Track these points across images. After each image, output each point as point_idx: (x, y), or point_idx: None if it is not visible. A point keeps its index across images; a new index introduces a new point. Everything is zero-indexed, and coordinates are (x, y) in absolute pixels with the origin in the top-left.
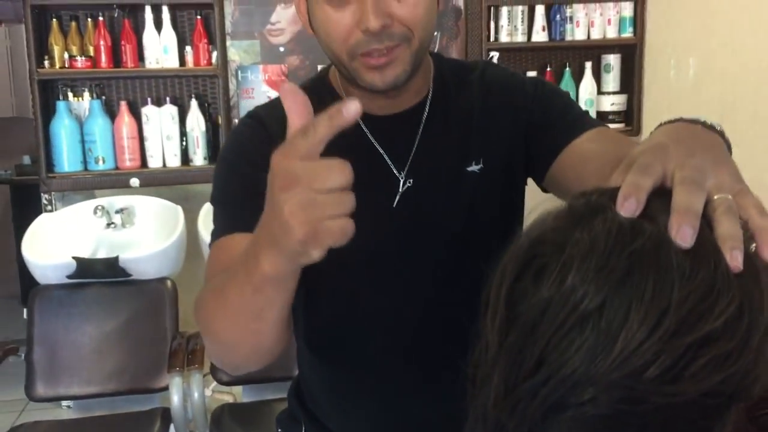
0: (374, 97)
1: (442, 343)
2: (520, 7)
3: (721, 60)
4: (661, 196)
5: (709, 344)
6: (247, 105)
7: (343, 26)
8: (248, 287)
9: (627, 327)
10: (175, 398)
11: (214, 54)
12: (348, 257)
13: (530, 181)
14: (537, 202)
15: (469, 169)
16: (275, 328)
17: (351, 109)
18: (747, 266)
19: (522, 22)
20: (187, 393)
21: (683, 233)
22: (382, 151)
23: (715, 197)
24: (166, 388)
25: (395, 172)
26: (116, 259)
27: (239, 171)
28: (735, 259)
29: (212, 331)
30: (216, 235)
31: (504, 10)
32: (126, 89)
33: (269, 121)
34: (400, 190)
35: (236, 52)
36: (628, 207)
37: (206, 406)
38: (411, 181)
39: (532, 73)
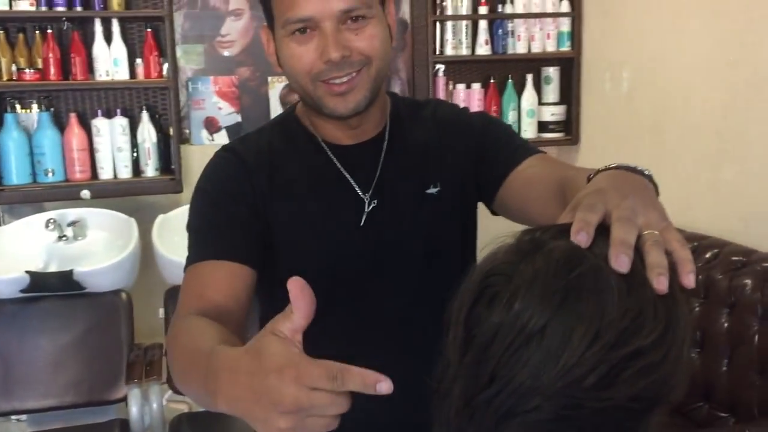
0: (339, 126)
1: (407, 359)
2: (464, 22)
3: (653, 74)
4: (598, 233)
5: (638, 356)
6: (197, 116)
7: (307, 59)
8: (203, 392)
9: (570, 343)
10: (134, 409)
11: (165, 66)
12: (320, 275)
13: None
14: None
15: (429, 191)
16: None
17: (384, 387)
18: (670, 290)
19: (466, 36)
20: (144, 404)
21: (620, 261)
22: (348, 177)
23: (645, 233)
24: (122, 400)
25: (361, 194)
26: (71, 272)
27: (218, 202)
28: (661, 284)
29: (178, 379)
30: (190, 260)
31: (449, 24)
32: (75, 101)
33: (247, 156)
34: (366, 210)
35: (183, 56)
36: (581, 239)
37: (164, 417)
38: (375, 201)
39: (476, 85)
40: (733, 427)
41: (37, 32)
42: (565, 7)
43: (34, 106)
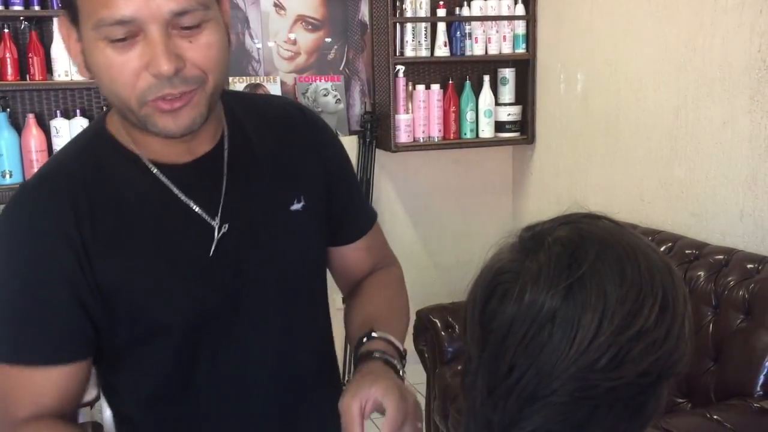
0: (167, 143)
1: (286, 392)
2: (424, 24)
3: (606, 76)
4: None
5: (643, 336)
6: None
7: (130, 70)
8: None
9: (580, 329)
10: (107, 412)
11: None
12: (173, 328)
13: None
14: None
15: (293, 208)
16: None
17: None
18: (668, 270)
19: (425, 37)
20: None
21: None
22: (187, 201)
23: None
24: (92, 403)
25: (207, 220)
26: None
27: (33, 282)
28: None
29: None
30: (5, 357)
31: (408, 26)
32: (32, 102)
33: (55, 201)
34: (216, 237)
35: None
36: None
37: None
38: (226, 226)
39: (435, 86)
40: (697, 411)
41: None
42: (520, 11)
43: None
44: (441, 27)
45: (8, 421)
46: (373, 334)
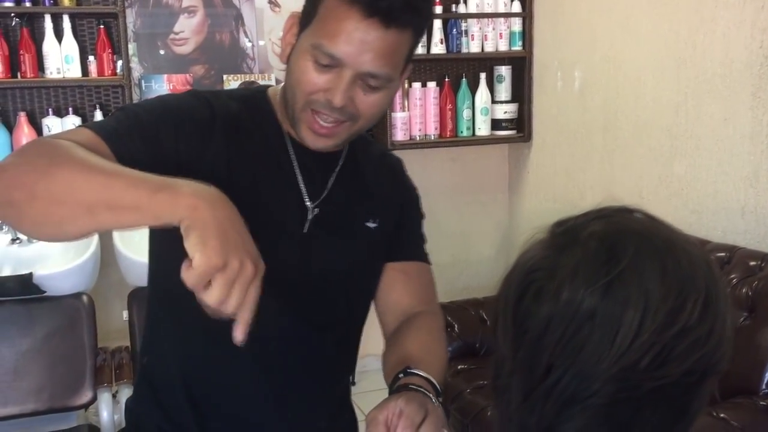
0: None
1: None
2: None
3: (604, 73)
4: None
5: (686, 333)
6: None
7: (314, 85)
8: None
9: (621, 327)
10: (105, 414)
11: (119, 63)
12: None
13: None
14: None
15: (368, 224)
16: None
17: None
18: (707, 266)
19: None
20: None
21: None
22: (299, 176)
23: None
24: (86, 405)
25: (306, 200)
26: (30, 275)
27: (168, 116)
28: None
29: (56, 175)
30: (106, 131)
31: None
32: (24, 100)
33: (216, 113)
34: (309, 218)
35: (135, 53)
36: None
37: None
38: (317, 210)
39: (431, 84)
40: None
41: None
42: (517, 8)
43: None
44: (437, 24)
45: (65, 138)
46: (410, 370)
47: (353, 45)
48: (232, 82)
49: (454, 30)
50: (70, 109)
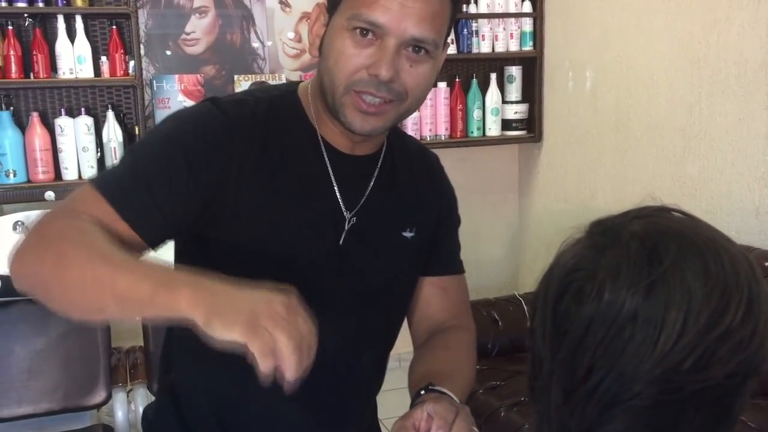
0: (341, 134)
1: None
2: None
3: (616, 73)
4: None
5: (730, 335)
6: (162, 115)
7: (355, 63)
8: (145, 295)
9: (664, 329)
10: (120, 414)
11: (131, 64)
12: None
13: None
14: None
15: (405, 234)
16: (107, 314)
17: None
18: (750, 268)
19: None
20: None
21: None
22: (335, 185)
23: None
24: (100, 405)
25: (342, 209)
26: None
27: (185, 157)
28: None
29: (65, 276)
30: (108, 192)
31: None
32: (36, 100)
33: (238, 123)
34: (346, 227)
35: (146, 54)
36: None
37: None
38: (354, 219)
39: (442, 84)
40: None
41: None
42: (528, 8)
43: None
44: None
45: (71, 208)
46: (432, 387)
47: (394, 9)
48: (242, 83)
49: (465, 30)
50: (83, 109)
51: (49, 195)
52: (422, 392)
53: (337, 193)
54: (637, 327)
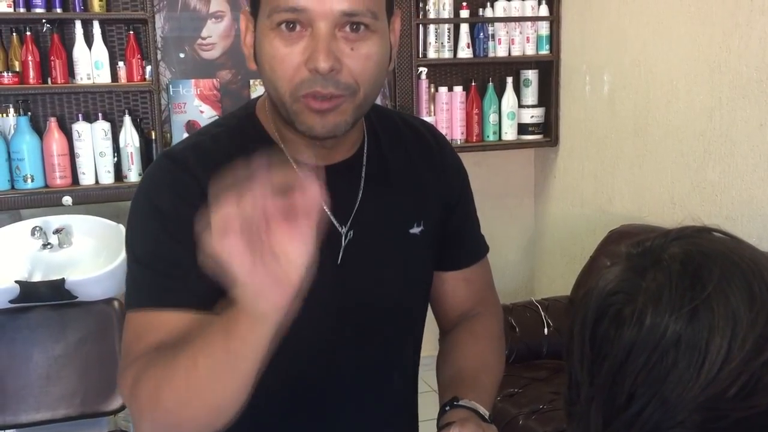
0: (309, 144)
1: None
2: (447, 25)
3: (634, 77)
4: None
5: None
6: (179, 119)
7: (291, 63)
8: (231, 342)
9: (708, 355)
10: None
11: (148, 69)
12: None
13: None
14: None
15: (412, 231)
16: (246, 382)
17: None
18: None
19: (448, 39)
20: None
21: None
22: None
23: None
24: (117, 411)
25: (336, 225)
26: (62, 281)
27: (175, 230)
28: None
29: (169, 407)
30: (140, 303)
31: (431, 27)
32: (54, 105)
33: (200, 172)
34: (343, 244)
35: (162, 58)
36: None
37: None
38: (352, 233)
39: (458, 88)
40: None
41: (15, 34)
42: (544, 12)
43: (11, 111)
44: (464, 28)
45: (134, 360)
46: (457, 403)
47: None
48: (258, 87)
49: (481, 34)
50: (100, 114)
51: (67, 200)
52: (447, 408)
53: (326, 210)
54: (681, 353)
